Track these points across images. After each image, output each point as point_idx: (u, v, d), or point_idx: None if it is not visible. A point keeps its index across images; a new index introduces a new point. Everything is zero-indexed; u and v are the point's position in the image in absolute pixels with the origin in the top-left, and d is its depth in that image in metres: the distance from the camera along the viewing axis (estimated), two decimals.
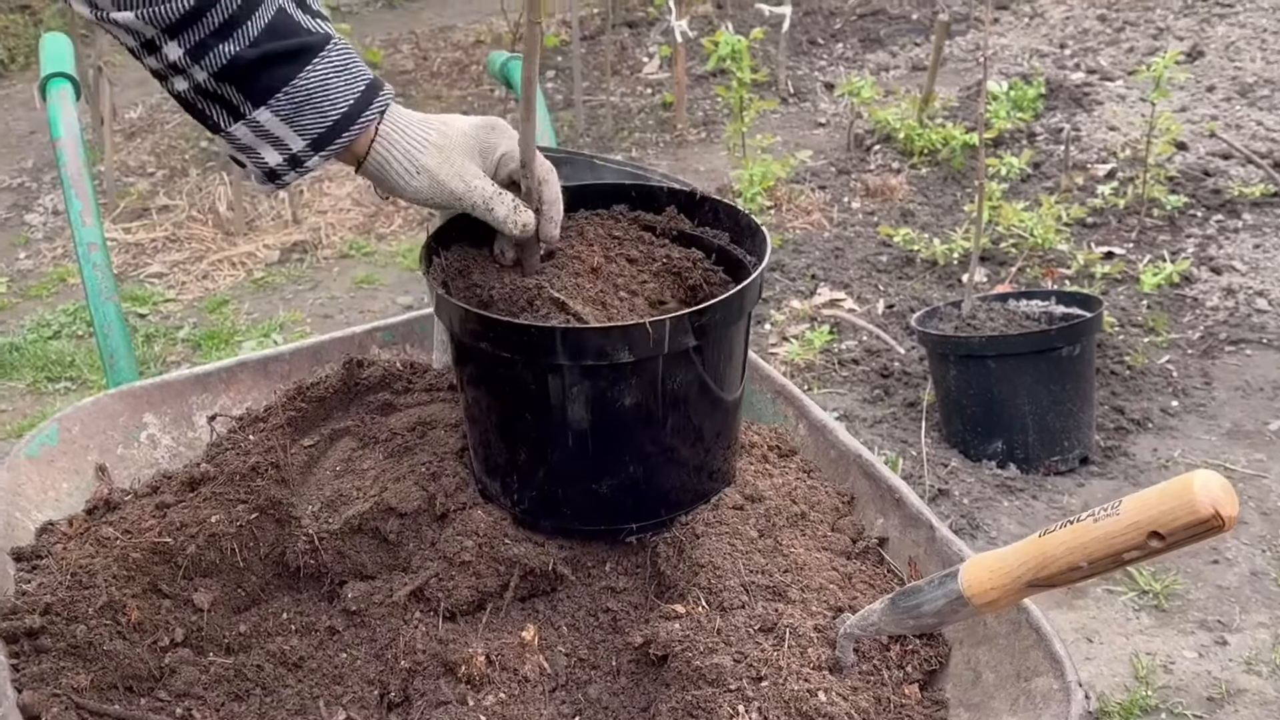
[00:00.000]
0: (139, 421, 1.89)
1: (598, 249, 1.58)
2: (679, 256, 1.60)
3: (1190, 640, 2.89)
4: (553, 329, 1.37)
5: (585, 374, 1.38)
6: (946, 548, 1.45)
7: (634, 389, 1.39)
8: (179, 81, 1.36)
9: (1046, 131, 5.84)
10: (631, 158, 6.19)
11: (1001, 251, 4.71)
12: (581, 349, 1.35)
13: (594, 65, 7.38)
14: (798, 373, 4.02)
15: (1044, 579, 1.16)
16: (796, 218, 5.22)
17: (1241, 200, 5.01)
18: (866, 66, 7.22)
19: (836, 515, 1.62)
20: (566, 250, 1.57)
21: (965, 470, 3.51)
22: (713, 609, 1.40)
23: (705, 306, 1.37)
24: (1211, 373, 3.97)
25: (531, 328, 1.37)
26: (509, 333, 1.38)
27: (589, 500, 1.48)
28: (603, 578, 1.51)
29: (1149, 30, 7.18)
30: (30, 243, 5.68)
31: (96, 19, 1.32)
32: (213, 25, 1.33)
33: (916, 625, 1.28)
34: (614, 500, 1.48)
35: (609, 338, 1.35)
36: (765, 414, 1.87)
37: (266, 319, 4.84)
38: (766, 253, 1.50)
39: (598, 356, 1.35)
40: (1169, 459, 3.54)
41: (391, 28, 8.66)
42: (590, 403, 1.40)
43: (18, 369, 4.51)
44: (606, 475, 1.46)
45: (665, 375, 1.40)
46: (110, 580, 1.46)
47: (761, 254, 1.51)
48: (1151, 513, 1.07)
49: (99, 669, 1.37)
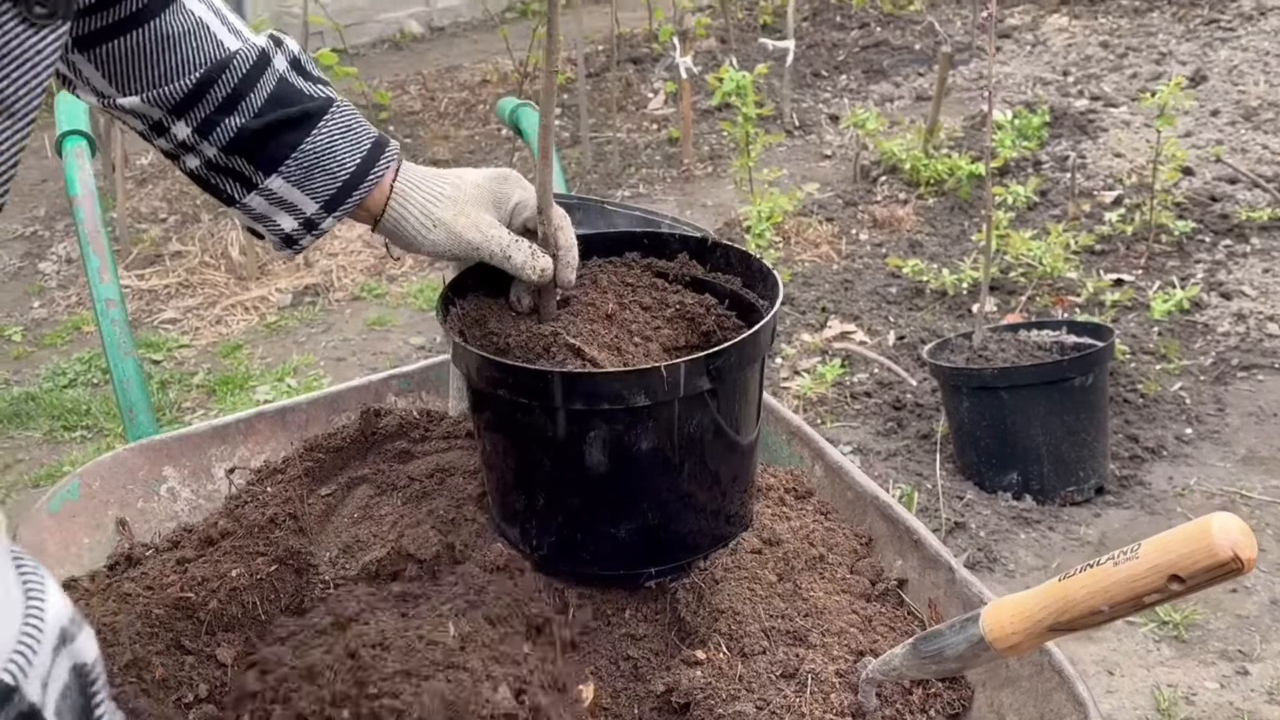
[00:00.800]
0: (159, 475, 1.90)
1: (611, 296, 1.60)
2: (692, 302, 1.61)
3: (1211, 671, 2.88)
4: (569, 373, 1.39)
5: (602, 418, 1.38)
6: (966, 589, 1.45)
7: (650, 433, 1.40)
8: (190, 159, 1.39)
9: (1052, 159, 5.86)
10: (639, 194, 6.22)
11: (1011, 281, 4.72)
12: (597, 393, 1.36)
13: (599, 102, 7.42)
14: (810, 406, 4.02)
15: (1065, 623, 1.16)
16: (805, 250, 5.24)
17: (1249, 224, 5.02)
18: (871, 98, 7.25)
19: (855, 557, 1.62)
20: (581, 298, 1.58)
21: (981, 502, 3.50)
22: (734, 655, 1.41)
23: (719, 350, 1.38)
24: (1224, 399, 3.97)
25: (548, 373, 1.39)
26: (526, 378, 1.39)
27: (607, 545, 1.49)
28: (622, 624, 1.51)
29: (1151, 55, 7.21)
30: (44, 291, 5.71)
31: (104, 106, 1.35)
32: (217, 101, 1.36)
33: (939, 670, 1.28)
34: (632, 545, 1.48)
35: (624, 382, 1.36)
36: (781, 455, 1.88)
37: (280, 363, 4.86)
38: (779, 296, 1.51)
39: (613, 401, 1.36)
40: (1185, 487, 3.54)
41: (398, 69, 8.73)
42: (607, 447, 1.40)
43: (34, 418, 4.53)
44: (625, 520, 1.47)
45: (681, 419, 1.41)
46: (134, 638, 1.46)
47: (774, 297, 1.52)
48: (1171, 556, 1.08)
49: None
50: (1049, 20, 8.17)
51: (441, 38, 9.64)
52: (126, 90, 1.33)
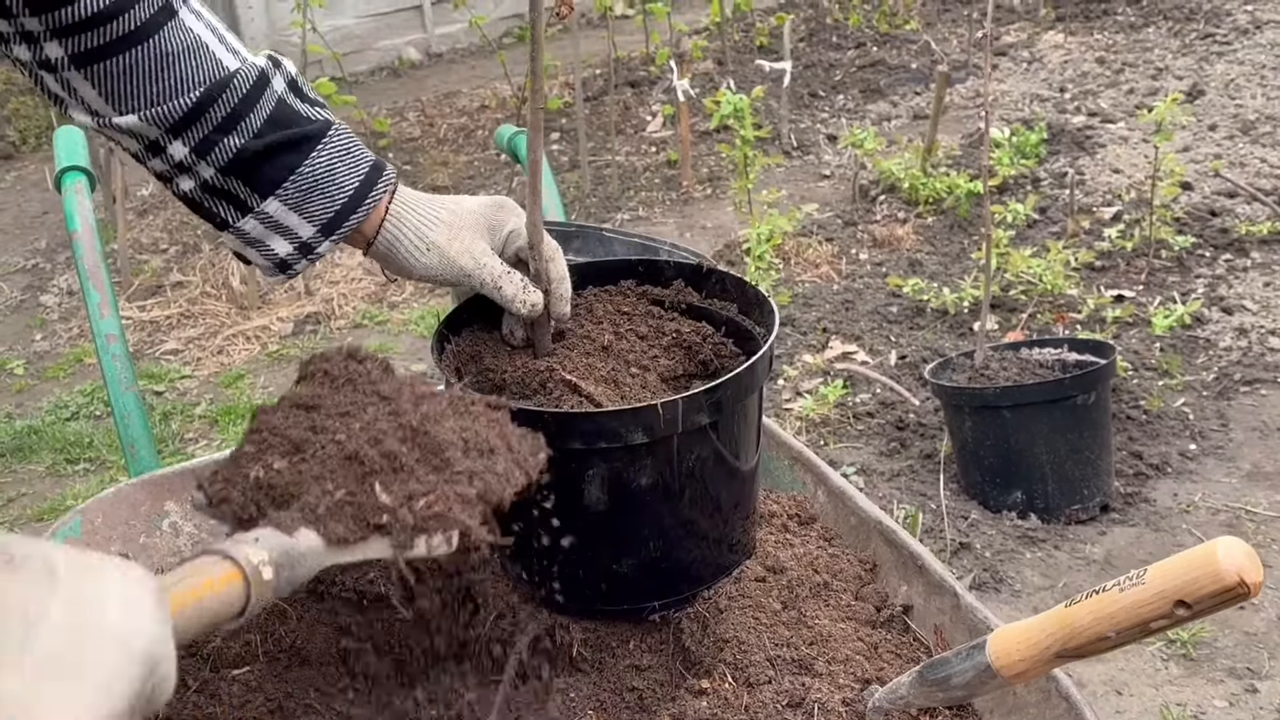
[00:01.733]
0: (161, 510, 1.90)
1: (607, 326, 1.59)
2: (689, 331, 1.61)
3: (1220, 689, 2.86)
4: (563, 413, 1.37)
5: (599, 457, 1.38)
6: (972, 615, 1.45)
7: (649, 469, 1.39)
8: (185, 181, 1.38)
9: (1050, 176, 5.87)
10: (639, 217, 6.23)
11: (1011, 298, 4.72)
12: (594, 432, 1.36)
13: (598, 126, 7.44)
14: (813, 428, 4.02)
15: (1072, 649, 1.15)
16: (805, 271, 5.24)
17: (1249, 239, 5.02)
18: (868, 117, 7.27)
19: (859, 584, 1.62)
20: (576, 330, 1.58)
21: (986, 522, 3.49)
22: (739, 685, 1.40)
23: (717, 384, 1.37)
24: (1228, 414, 3.96)
25: (544, 413, 1.37)
26: (521, 418, 1.37)
27: (611, 582, 1.48)
28: (627, 656, 1.50)
29: (1148, 71, 7.22)
30: (46, 324, 5.72)
31: (98, 126, 1.34)
32: (216, 120, 1.35)
33: (946, 698, 1.28)
34: (636, 580, 1.47)
35: (621, 420, 1.35)
36: (783, 481, 1.88)
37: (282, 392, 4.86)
38: (775, 324, 1.51)
39: (610, 439, 1.35)
40: (1190, 503, 3.53)
41: (397, 96, 8.76)
42: (606, 484, 1.39)
43: (36, 451, 4.53)
44: (627, 555, 1.46)
45: (680, 453, 1.40)
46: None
47: (770, 325, 1.52)
48: (1177, 581, 1.07)
49: None
50: (1045, 37, 8.19)
51: (440, 64, 9.67)
52: (124, 109, 1.32)
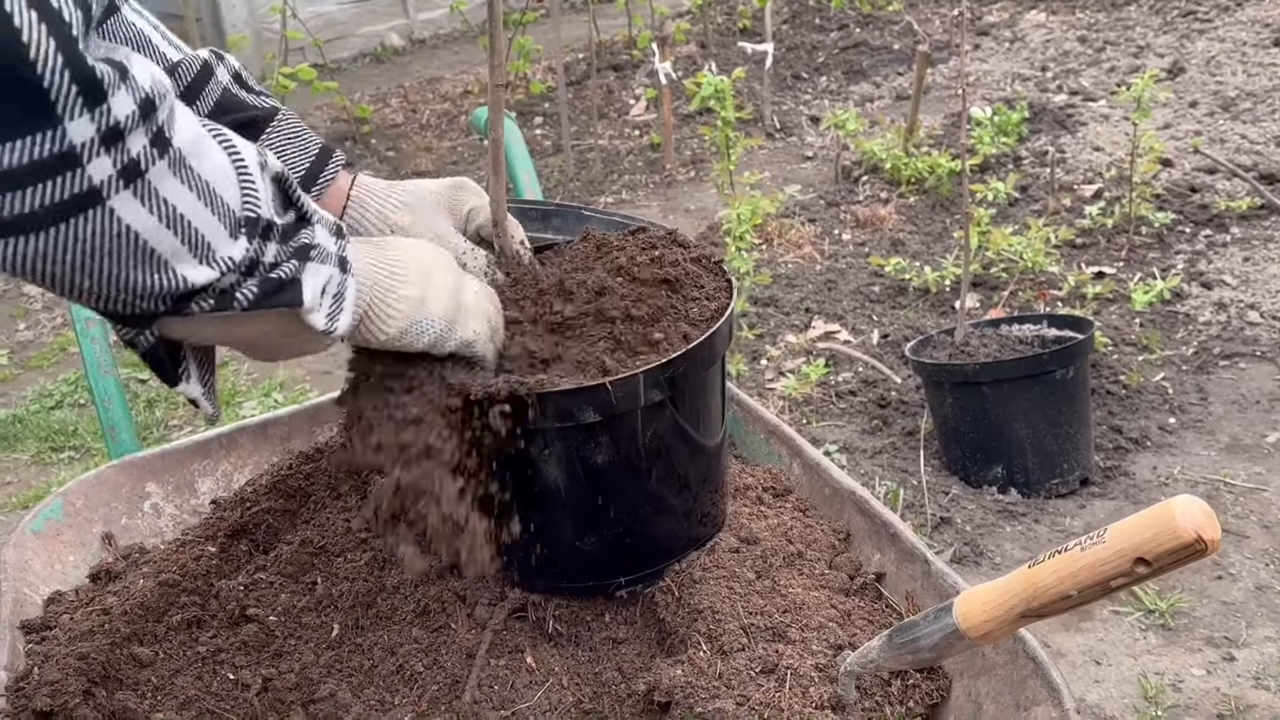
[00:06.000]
0: (142, 491, 1.91)
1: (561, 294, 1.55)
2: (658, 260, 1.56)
3: (1198, 658, 2.89)
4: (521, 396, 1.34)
5: (556, 435, 1.38)
6: (942, 580, 1.47)
7: (605, 447, 1.40)
8: None
9: (1032, 155, 5.89)
10: (622, 200, 6.24)
11: (993, 276, 4.74)
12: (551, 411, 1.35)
13: (581, 110, 7.44)
14: (795, 407, 4.04)
15: (1036, 609, 1.17)
16: (788, 252, 5.26)
17: (1229, 214, 5.05)
18: (851, 98, 7.28)
19: (833, 553, 1.64)
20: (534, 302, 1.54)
21: (966, 497, 3.52)
22: (713, 653, 1.42)
23: (671, 360, 1.37)
24: (1207, 388, 3.99)
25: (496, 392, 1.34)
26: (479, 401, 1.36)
27: (575, 559, 1.50)
28: (603, 629, 1.52)
29: (1129, 49, 7.24)
30: (29, 313, 5.71)
31: None
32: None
33: (915, 660, 1.30)
34: (600, 557, 1.49)
35: (573, 399, 1.34)
36: (759, 454, 1.90)
37: (266, 379, 4.87)
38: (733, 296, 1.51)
39: (564, 418, 1.36)
40: (1169, 476, 3.56)
41: (379, 82, 8.74)
42: (563, 463, 1.40)
43: (21, 440, 4.53)
44: (589, 532, 1.47)
45: (639, 430, 1.40)
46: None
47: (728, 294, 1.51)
48: (1136, 540, 1.09)
49: None
50: (1027, 16, 8.21)
51: (423, 50, 9.65)
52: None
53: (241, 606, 1.56)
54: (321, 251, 1.14)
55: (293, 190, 1.11)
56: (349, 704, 1.44)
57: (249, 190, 1.04)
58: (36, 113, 0.85)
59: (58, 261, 0.92)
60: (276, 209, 1.08)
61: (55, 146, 0.87)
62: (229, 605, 1.57)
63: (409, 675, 1.47)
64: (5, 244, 0.90)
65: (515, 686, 1.44)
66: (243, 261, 1.04)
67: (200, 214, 0.99)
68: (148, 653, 1.51)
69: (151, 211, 0.95)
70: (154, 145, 0.93)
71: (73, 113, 0.86)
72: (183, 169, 0.97)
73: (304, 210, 1.13)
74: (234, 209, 1.02)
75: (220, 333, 1.13)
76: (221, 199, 1.01)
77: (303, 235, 1.11)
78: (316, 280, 1.13)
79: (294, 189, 1.11)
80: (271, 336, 1.17)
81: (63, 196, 0.89)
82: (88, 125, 0.87)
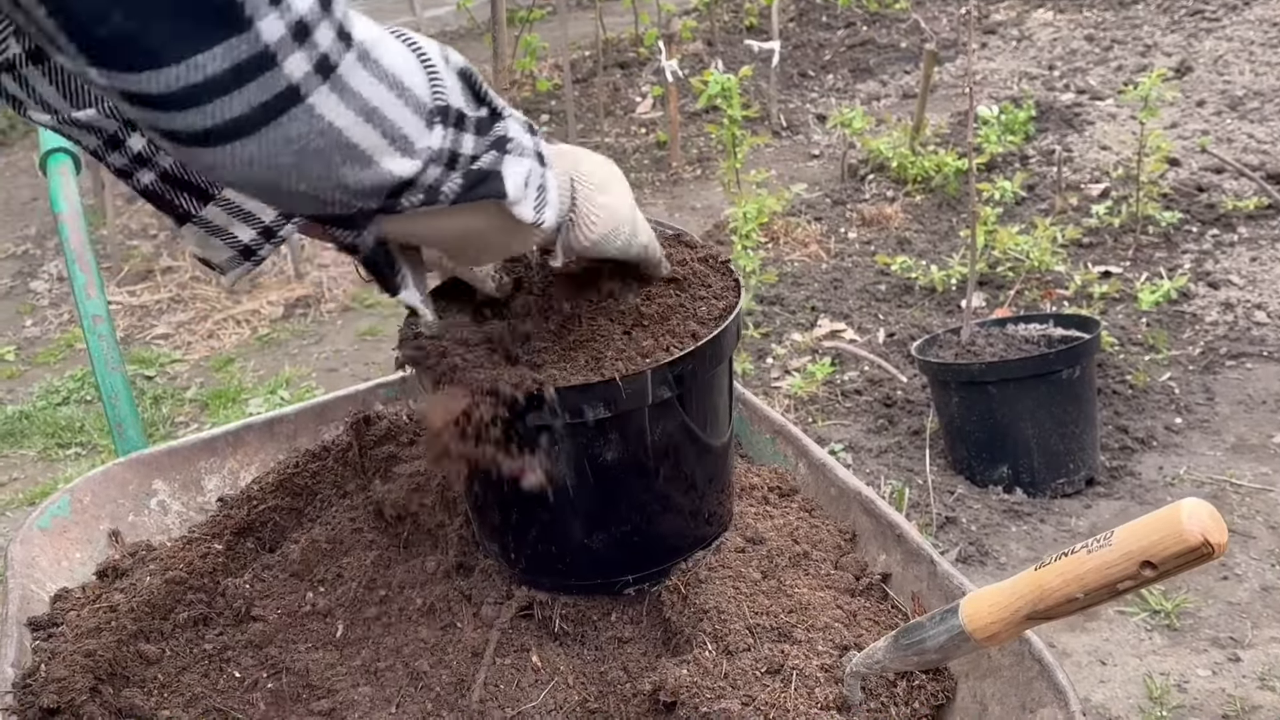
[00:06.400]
0: (149, 488, 1.91)
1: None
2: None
3: (1203, 658, 2.89)
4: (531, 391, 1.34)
5: (564, 432, 1.38)
6: (948, 582, 1.47)
7: (614, 445, 1.40)
8: (145, 174, 1.37)
9: (1039, 154, 5.88)
10: None
11: (999, 275, 4.74)
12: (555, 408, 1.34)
13: (587, 107, 7.44)
14: (801, 406, 4.04)
15: (1042, 611, 1.17)
16: (794, 250, 5.26)
17: (1236, 214, 5.04)
18: (857, 97, 7.27)
19: (839, 553, 1.64)
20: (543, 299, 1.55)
21: (972, 497, 3.52)
22: (719, 653, 1.42)
23: (679, 357, 1.37)
24: (1213, 388, 3.99)
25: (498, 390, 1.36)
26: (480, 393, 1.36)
27: (582, 557, 1.50)
28: (609, 628, 1.52)
29: (1136, 48, 7.23)
30: (36, 310, 5.72)
31: (57, 123, 1.32)
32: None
33: (921, 661, 1.30)
34: (608, 555, 1.49)
35: (583, 395, 1.34)
36: (765, 454, 1.89)
37: (272, 376, 4.88)
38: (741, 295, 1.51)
39: (573, 415, 1.36)
40: (1175, 477, 3.55)
41: None
42: (571, 460, 1.40)
43: (28, 436, 4.54)
44: (597, 531, 1.47)
45: (647, 428, 1.40)
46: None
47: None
48: (1143, 543, 1.09)
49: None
50: (1034, 15, 8.20)
51: None
52: (81, 103, 1.31)
53: (248, 604, 1.57)
54: (518, 145, 1.17)
55: (480, 86, 1.13)
56: (355, 702, 1.44)
57: (436, 81, 1.07)
58: (229, 17, 0.86)
59: (272, 165, 0.95)
60: (467, 101, 1.11)
61: (251, 48, 0.88)
62: (235, 603, 1.58)
63: (415, 674, 1.47)
64: (221, 153, 0.92)
65: (521, 686, 1.45)
66: (441, 151, 1.07)
67: (393, 106, 1.01)
68: (154, 650, 1.51)
69: (349, 106, 0.97)
70: (340, 39, 0.95)
71: (260, 12, 0.87)
72: (369, 62, 0.98)
73: (495, 105, 1.15)
74: (424, 100, 1.05)
75: (433, 230, 1.19)
76: (411, 90, 1.03)
77: (497, 129, 1.15)
78: (518, 171, 1.17)
79: (481, 84, 1.13)
80: (481, 232, 1.22)
81: (266, 97, 0.91)
82: (277, 23, 0.88)
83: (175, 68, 0.87)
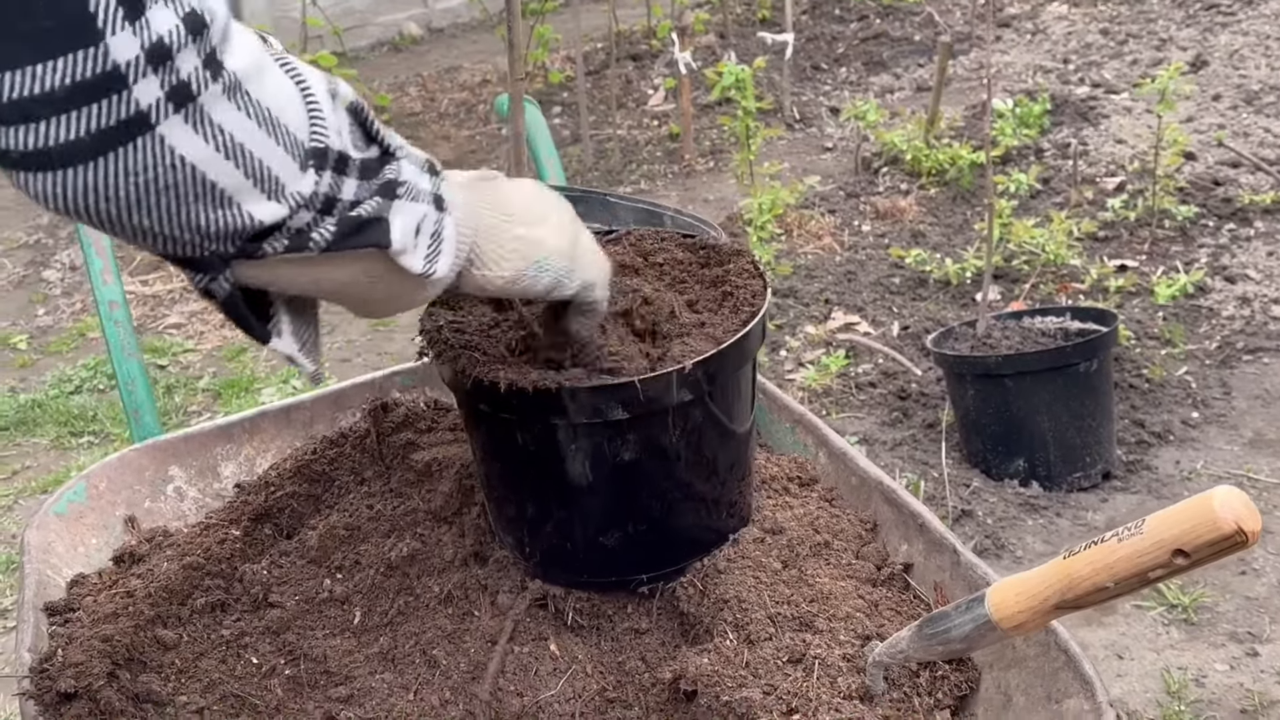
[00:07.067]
0: (165, 475, 1.91)
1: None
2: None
3: (1221, 653, 2.87)
4: (549, 390, 1.34)
5: (584, 431, 1.38)
6: (971, 572, 1.45)
7: (633, 444, 1.39)
8: None
9: (1054, 147, 5.85)
10: (641, 190, 6.22)
11: (1014, 269, 4.71)
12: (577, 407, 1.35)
13: (599, 99, 7.42)
14: (815, 398, 4.02)
15: (1071, 600, 1.16)
16: (807, 243, 5.24)
17: (1253, 208, 5.01)
18: (871, 89, 7.24)
19: (860, 543, 1.63)
20: None
21: (988, 490, 3.50)
22: (740, 642, 1.41)
23: (704, 358, 1.36)
24: (1230, 382, 3.96)
25: (527, 389, 1.34)
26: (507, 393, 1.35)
27: (598, 554, 1.49)
28: (624, 619, 1.51)
29: (1152, 42, 7.19)
30: (49, 299, 5.72)
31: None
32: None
33: (945, 651, 1.28)
34: (623, 553, 1.48)
35: (602, 395, 1.34)
36: (784, 443, 1.88)
37: (285, 366, 4.87)
38: (767, 297, 1.50)
39: (592, 415, 1.35)
40: (1192, 471, 3.53)
41: (398, 71, 8.73)
42: (589, 459, 1.40)
43: (40, 425, 4.54)
44: (613, 529, 1.46)
45: (669, 428, 1.39)
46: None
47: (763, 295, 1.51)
48: (1175, 530, 1.08)
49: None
50: (1049, 8, 8.15)
51: (441, 39, 9.64)
52: None
53: (265, 591, 1.56)
54: (411, 189, 1.06)
55: (372, 123, 1.04)
56: (373, 689, 1.43)
57: (317, 118, 0.98)
58: (78, 28, 0.78)
59: (110, 198, 0.86)
60: (354, 141, 1.02)
61: (97, 66, 0.80)
62: (253, 589, 1.57)
63: (432, 661, 1.46)
64: (52, 178, 0.83)
65: (539, 674, 1.44)
66: (314, 197, 0.97)
67: (263, 144, 0.92)
68: (172, 636, 1.51)
69: (207, 140, 0.88)
70: (206, 67, 0.86)
71: (114, 27, 0.79)
72: (239, 94, 0.89)
73: (388, 144, 1.06)
74: (301, 139, 0.96)
75: (303, 278, 1.05)
76: (286, 128, 0.94)
77: (387, 171, 1.04)
78: (408, 218, 1.05)
79: (373, 122, 1.04)
80: (361, 282, 1.08)
81: (108, 122, 0.82)
82: (131, 41, 0.80)
83: (8, 74, 0.79)
